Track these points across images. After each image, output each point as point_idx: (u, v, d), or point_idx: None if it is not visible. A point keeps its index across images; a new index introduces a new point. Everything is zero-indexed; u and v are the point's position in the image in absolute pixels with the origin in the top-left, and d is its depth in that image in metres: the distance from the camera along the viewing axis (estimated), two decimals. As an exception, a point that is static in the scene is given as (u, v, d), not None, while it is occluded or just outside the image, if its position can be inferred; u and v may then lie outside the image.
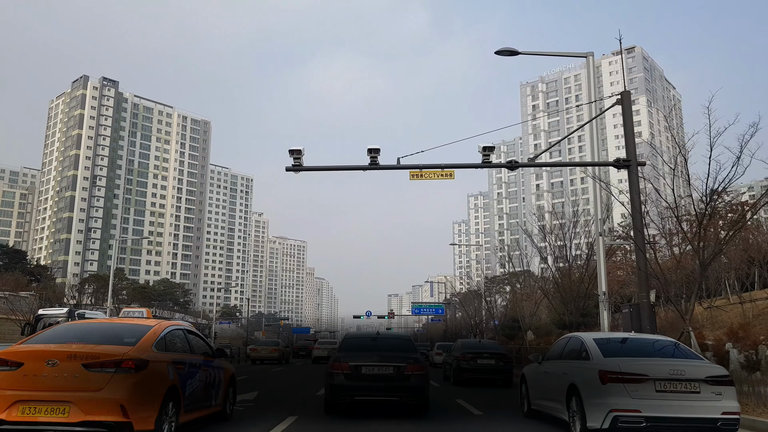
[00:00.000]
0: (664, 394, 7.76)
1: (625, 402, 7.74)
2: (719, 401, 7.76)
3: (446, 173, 13.31)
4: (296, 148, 13.46)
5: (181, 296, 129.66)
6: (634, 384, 7.79)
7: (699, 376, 7.89)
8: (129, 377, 6.81)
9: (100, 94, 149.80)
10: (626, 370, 7.89)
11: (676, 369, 7.95)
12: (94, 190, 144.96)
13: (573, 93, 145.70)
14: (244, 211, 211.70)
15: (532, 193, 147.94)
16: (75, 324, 9.14)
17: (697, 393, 7.78)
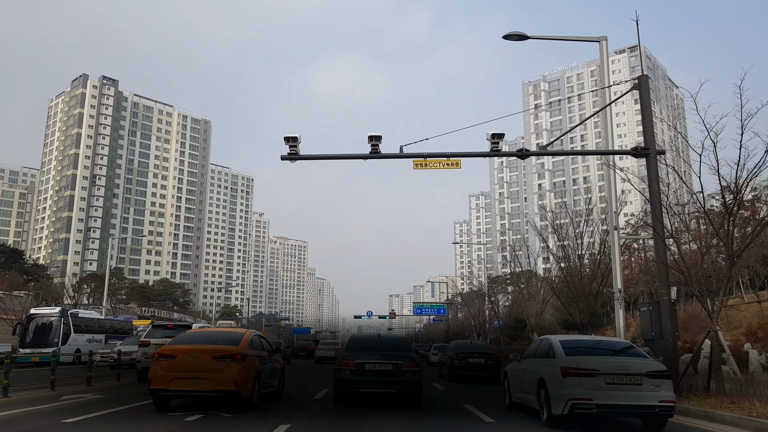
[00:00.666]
0: (612, 385, 9.27)
1: (580, 392, 9.24)
2: (657, 391, 9.29)
3: (452, 162, 12.45)
4: (292, 135, 12.56)
5: (180, 296, 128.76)
6: (587, 377, 9.32)
7: (641, 370, 9.41)
8: (238, 364, 10.95)
9: (99, 93, 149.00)
10: (581, 366, 9.47)
11: (622, 365, 9.51)
12: (93, 190, 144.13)
13: (575, 92, 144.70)
14: (245, 211, 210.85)
15: (534, 192, 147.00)
16: (201, 331, 13.86)
17: (639, 385, 9.31)
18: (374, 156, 12.65)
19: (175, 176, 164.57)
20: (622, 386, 9.30)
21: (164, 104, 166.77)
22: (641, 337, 16.61)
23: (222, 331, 14.63)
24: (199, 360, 10.83)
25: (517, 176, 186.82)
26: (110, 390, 15.01)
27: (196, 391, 10.83)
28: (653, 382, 9.37)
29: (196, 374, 10.69)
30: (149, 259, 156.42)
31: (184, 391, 10.87)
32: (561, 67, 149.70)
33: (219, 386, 10.69)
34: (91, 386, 15.68)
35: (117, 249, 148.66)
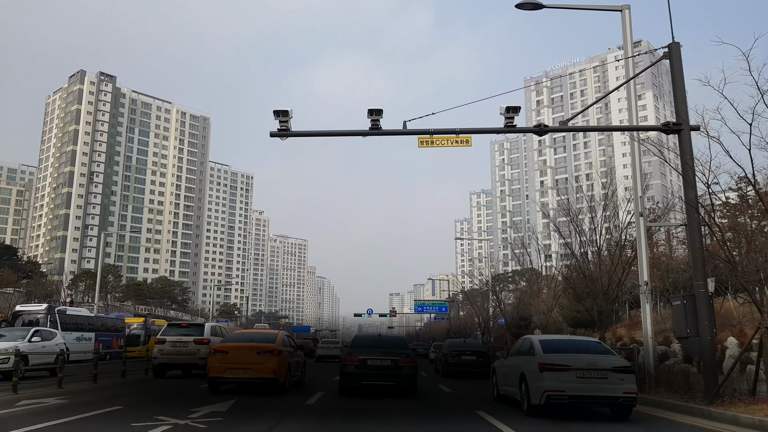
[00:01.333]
0: (582, 379, 10.54)
1: (554, 384, 10.50)
2: (622, 384, 10.52)
3: (461, 139, 11.10)
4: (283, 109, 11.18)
5: (179, 294, 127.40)
6: (561, 372, 10.57)
7: (608, 366, 10.69)
8: (275, 357, 14.04)
9: (97, 89, 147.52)
10: (556, 362, 10.72)
11: (592, 361, 10.79)
12: (91, 187, 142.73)
13: (578, 88, 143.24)
14: (245, 209, 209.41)
15: (536, 190, 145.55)
16: (245, 332, 18.65)
17: (606, 378, 10.58)
18: (375, 132, 11.29)
19: (174, 173, 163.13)
20: (591, 380, 10.69)
21: (163, 101, 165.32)
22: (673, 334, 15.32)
23: (261, 332, 18.82)
24: (246, 354, 14.09)
25: (518, 174, 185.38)
26: (81, 393, 13.61)
27: (244, 378, 14.09)
28: (618, 376, 10.69)
29: (244, 365, 13.90)
30: (148, 257, 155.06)
31: (235, 378, 14.14)
32: (563, 63, 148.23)
33: (261, 374, 13.93)
34: (62, 388, 14.33)
35: (115, 246, 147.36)
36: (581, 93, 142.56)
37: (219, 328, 23.32)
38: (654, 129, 12.28)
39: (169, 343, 19.75)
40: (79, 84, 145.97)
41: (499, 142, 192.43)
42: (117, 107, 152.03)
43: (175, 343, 19.80)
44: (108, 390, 14.93)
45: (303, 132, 12.07)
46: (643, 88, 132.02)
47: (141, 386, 16.46)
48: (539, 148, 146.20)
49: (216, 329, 22.23)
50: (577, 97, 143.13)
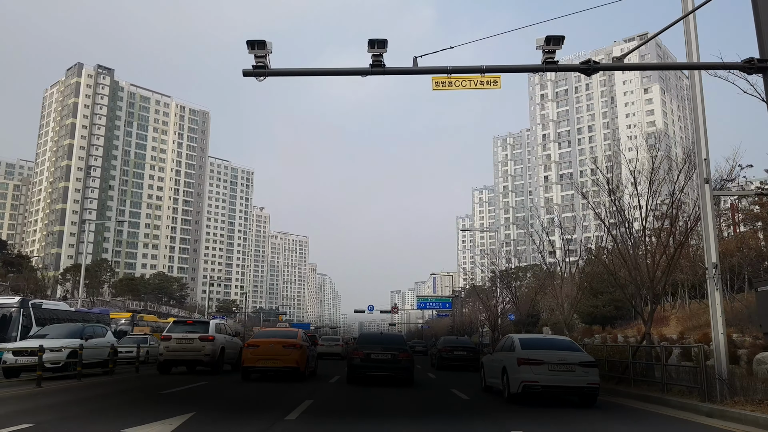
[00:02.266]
0: (553, 371, 12.57)
1: (530, 376, 12.52)
2: (586, 376, 12.62)
3: (488, 80, 8.72)
4: (259, 39, 8.73)
5: (177, 290, 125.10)
6: (536, 365, 12.61)
7: (575, 361, 12.74)
8: (298, 351, 17.61)
9: (94, 82, 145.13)
10: (531, 357, 12.81)
11: (561, 357, 12.80)
12: (88, 181, 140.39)
13: (583, 82, 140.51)
14: (245, 204, 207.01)
15: (540, 185, 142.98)
16: (271, 330, 23.55)
17: (573, 371, 12.63)
18: (377, 71, 8.90)
19: (173, 168, 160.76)
20: (561, 372, 12.43)
21: (162, 94, 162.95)
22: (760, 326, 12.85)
23: (284, 330, 22.24)
24: (275, 348, 17.29)
25: (521, 169, 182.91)
26: (7, 402, 11.16)
27: (273, 368, 17.38)
28: (584, 370, 12.50)
29: (273, 357, 17.08)
30: (146, 252, 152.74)
31: (265, 368, 17.52)
32: (568, 56, 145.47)
33: (287, 364, 17.09)
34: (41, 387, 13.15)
35: (112, 242, 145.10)
36: (586, 87, 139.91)
37: (223, 325, 23.58)
38: (732, 67, 9.74)
39: (174, 339, 20.28)
40: (76, 77, 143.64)
41: (502, 138, 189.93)
42: (115, 100, 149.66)
43: (180, 339, 20.25)
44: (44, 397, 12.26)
45: (286, 70, 9.53)
46: (650, 81, 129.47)
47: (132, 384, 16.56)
48: (543, 142, 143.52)
49: (221, 326, 22.57)
50: (582, 91, 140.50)
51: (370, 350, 16.86)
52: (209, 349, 19.99)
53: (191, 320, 25.26)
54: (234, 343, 23.16)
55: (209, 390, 14.68)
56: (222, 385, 16.04)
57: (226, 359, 21.78)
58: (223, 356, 21.12)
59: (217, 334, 20.86)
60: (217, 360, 20.43)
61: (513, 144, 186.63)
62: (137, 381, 17.53)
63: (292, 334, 18.92)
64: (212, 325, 21.43)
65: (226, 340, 21.95)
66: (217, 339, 20.56)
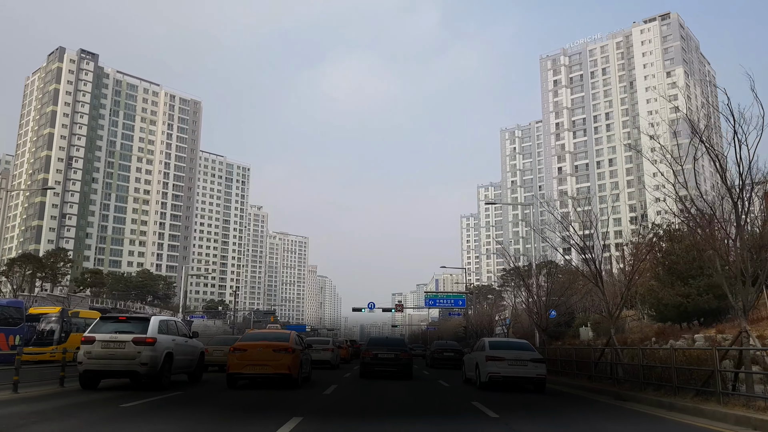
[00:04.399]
0: (511, 366, 17.12)
1: (494, 369, 17.12)
2: (536, 369, 17.11)
3: None
4: None
5: (163, 289, 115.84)
6: (499, 361, 17.23)
7: (528, 358, 17.29)
8: (290, 355, 15.93)
9: (77, 67, 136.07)
10: (496, 355, 17.45)
11: (518, 355, 17.41)
12: (69, 173, 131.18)
13: (599, 66, 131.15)
14: (241, 201, 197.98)
15: (553, 177, 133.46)
16: (260, 332, 19.87)
17: (526, 366, 17.12)
18: None
19: (162, 160, 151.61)
20: (517, 366, 17.14)
21: (150, 82, 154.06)
22: None
23: (275, 332, 20.45)
24: (263, 352, 15.91)
25: (530, 163, 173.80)
26: None
27: (261, 374, 15.85)
28: (534, 364, 17.16)
29: (261, 362, 15.71)
30: (132, 249, 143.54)
31: (253, 374, 15.94)
32: (583, 39, 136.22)
33: (277, 370, 15.67)
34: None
35: (96, 238, 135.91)
36: (603, 72, 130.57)
37: (174, 323, 17.20)
38: None
39: (99, 342, 14.55)
40: (58, 62, 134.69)
41: (510, 131, 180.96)
42: (99, 88, 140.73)
43: (107, 343, 14.55)
44: None
45: None
46: (673, 64, 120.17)
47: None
48: (557, 131, 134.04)
49: (168, 325, 16.31)
50: (598, 76, 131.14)
51: (377, 351, 21.36)
52: (147, 356, 14.31)
53: (124, 316, 17.93)
54: (189, 348, 17.23)
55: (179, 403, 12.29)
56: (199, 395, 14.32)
57: (177, 368, 16.05)
58: (169, 365, 15.28)
59: (159, 335, 15.05)
60: (159, 371, 14.56)
61: (521, 137, 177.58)
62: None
63: (283, 336, 17.72)
64: (153, 323, 15.28)
65: (176, 344, 15.89)
66: (160, 342, 14.82)
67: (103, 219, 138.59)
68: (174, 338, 16.00)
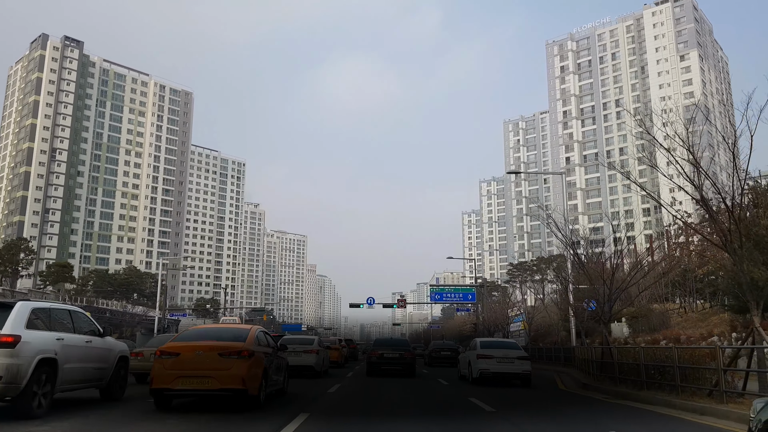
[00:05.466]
0: (500, 363, 19.13)
1: (485, 366, 19.09)
2: (522, 366, 19.22)
3: None
4: None
5: (150, 287, 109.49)
6: (488, 359, 19.24)
7: (514, 356, 19.51)
8: (246, 361, 10.33)
9: (61, 55, 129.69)
10: (486, 354, 19.68)
11: (506, 353, 19.58)
12: (53, 166, 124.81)
13: (609, 51, 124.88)
14: (236, 198, 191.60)
15: (561, 167, 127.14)
16: (205, 327, 13.32)
17: (513, 363, 19.26)
18: None
19: (151, 153, 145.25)
20: (505, 363, 19.12)
21: (139, 72, 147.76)
22: None
23: (227, 327, 13.26)
24: (204, 357, 10.24)
25: (535, 156, 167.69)
26: None
27: (201, 390, 10.22)
28: (520, 361, 19.33)
29: (201, 372, 10.11)
30: (120, 246, 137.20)
31: (189, 390, 10.25)
32: (591, 23, 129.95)
33: (225, 385, 10.09)
34: None
35: (81, 234, 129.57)
36: (613, 56, 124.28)
37: (63, 314, 10.92)
38: None
39: None
40: (41, 50, 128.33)
41: (514, 122, 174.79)
42: (85, 77, 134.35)
43: None
44: None
45: None
46: (687, 47, 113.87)
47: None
48: (564, 120, 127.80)
49: (49, 317, 10.31)
50: (607, 61, 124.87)
51: (383, 351, 23.23)
52: (4, 363, 8.73)
53: None
54: (97, 351, 11.52)
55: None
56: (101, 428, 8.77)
57: (72, 381, 10.59)
58: (52, 377, 9.70)
59: (30, 331, 9.36)
60: (25, 387, 8.92)
61: (526, 128, 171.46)
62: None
63: (238, 333, 11.37)
64: (19, 313, 9.42)
65: (65, 345, 10.22)
66: (30, 342, 9.18)
67: (90, 214, 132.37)
68: (62, 336, 10.27)
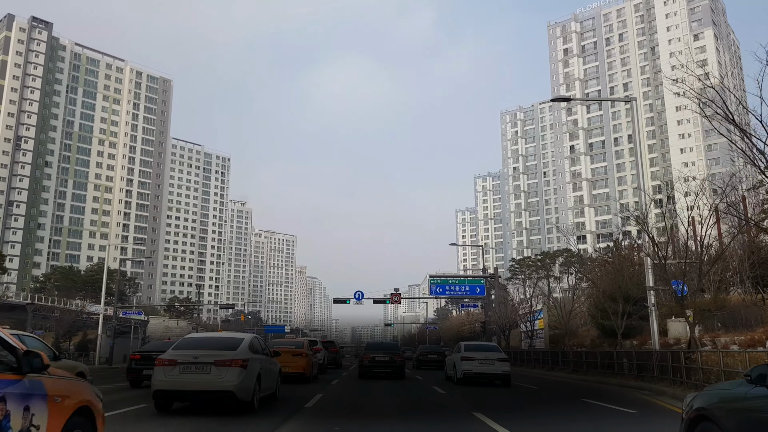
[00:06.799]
0: (482, 364, 20.61)
1: (467, 367, 20.48)
2: (502, 366, 20.55)
3: None
4: None
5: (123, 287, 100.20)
6: (471, 360, 20.77)
7: (494, 358, 20.83)
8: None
9: (27, 37, 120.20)
10: (468, 356, 20.96)
11: (486, 355, 21.07)
12: (17, 155, 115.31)
13: (616, 32, 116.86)
14: (220, 194, 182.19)
15: (565, 157, 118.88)
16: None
17: (494, 364, 20.74)
18: None
19: (127, 143, 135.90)
20: (486, 364, 20.45)
21: (114, 57, 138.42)
22: None
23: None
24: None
25: (534, 148, 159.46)
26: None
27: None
28: (500, 363, 20.57)
29: None
30: (93, 243, 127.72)
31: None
32: (596, 3, 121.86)
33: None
34: None
35: (49, 229, 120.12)
36: (620, 37, 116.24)
37: None
38: None
39: None
40: (6, 31, 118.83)
41: (511, 113, 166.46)
42: (54, 61, 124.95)
43: None
44: None
45: None
46: (701, 26, 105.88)
47: None
48: (569, 106, 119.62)
49: None
50: (614, 42, 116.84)
51: (374, 354, 24.39)
52: None
53: None
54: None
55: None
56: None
57: None
58: None
59: None
60: None
61: (524, 119, 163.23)
62: None
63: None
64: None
65: None
66: None
67: (59, 208, 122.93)
68: None
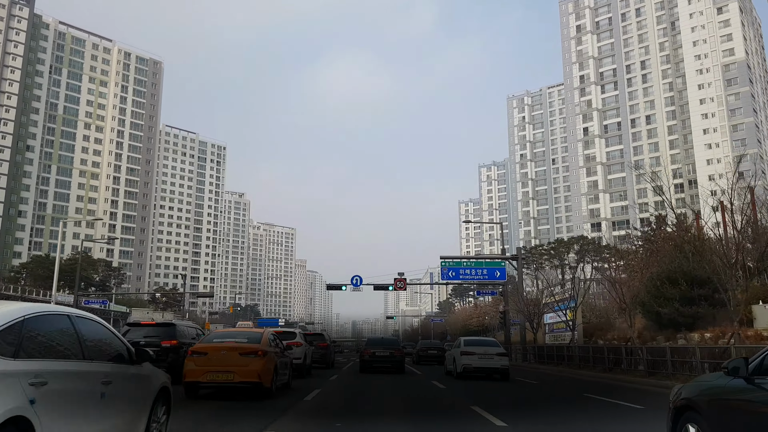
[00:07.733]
0: (481, 359, 21.37)
1: (467, 362, 21.36)
2: (501, 361, 21.59)
3: None
4: None
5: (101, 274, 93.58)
6: (471, 355, 21.56)
7: (494, 352, 21.84)
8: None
9: (8, 13, 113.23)
10: (468, 350, 21.80)
11: (486, 349, 21.95)
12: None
13: (632, 6, 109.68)
14: (216, 184, 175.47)
15: (578, 140, 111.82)
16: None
17: (493, 359, 21.49)
18: None
19: (114, 127, 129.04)
20: (485, 359, 21.33)
21: (101, 37, 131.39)
22: None
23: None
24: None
25: (542, 134, 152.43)
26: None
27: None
28: (499, 357, 21.61)
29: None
30: (78, 231, 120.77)
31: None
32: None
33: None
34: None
35: (31, 216, 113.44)
36: (637, 12, 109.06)
37: None
38: None
39: None
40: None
41: (518, 97, 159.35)
42: (37, 40, 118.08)
43: None
44: None
45: None
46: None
47: None
48: (582, 86, 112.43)
49: None
50: (631, 18, 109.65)
51: (375, 349, 25.10)
52: None
53: None
54: None
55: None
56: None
57: None
58: None
59: None
60: None
61: (531, 104, 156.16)
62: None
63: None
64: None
65: None
66: None
67: (42, 195, 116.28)
68: None
